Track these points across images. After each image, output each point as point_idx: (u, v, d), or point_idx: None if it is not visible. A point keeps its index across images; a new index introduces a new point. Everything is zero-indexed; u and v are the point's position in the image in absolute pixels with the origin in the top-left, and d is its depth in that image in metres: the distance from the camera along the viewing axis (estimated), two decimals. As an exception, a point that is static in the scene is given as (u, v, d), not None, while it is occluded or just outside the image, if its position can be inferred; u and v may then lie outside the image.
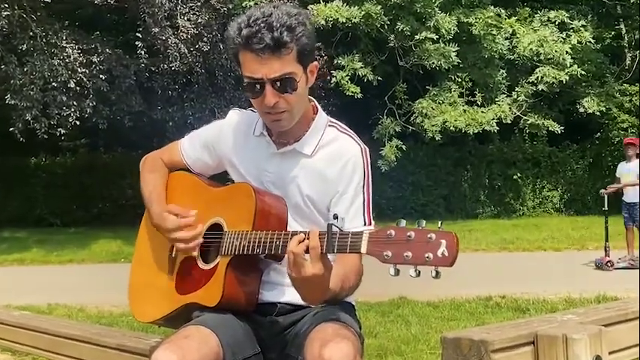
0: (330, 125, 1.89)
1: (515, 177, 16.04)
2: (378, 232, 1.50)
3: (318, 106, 1.90)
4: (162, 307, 1.91)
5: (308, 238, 1.58)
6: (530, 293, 6.42)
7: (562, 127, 13.95)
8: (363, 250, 1.50)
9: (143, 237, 2.05)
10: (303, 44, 1.71)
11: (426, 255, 1.43)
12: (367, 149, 1.87)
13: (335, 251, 1.55)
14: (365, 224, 1.80)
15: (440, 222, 1.48)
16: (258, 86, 1.71)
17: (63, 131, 12.08)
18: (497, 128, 13.79)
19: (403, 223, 1.50)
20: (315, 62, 1.80)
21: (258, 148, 1.89)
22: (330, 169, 1.82)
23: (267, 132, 1.87)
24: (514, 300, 6.24)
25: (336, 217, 1.70)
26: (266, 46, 1.66)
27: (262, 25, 1.66)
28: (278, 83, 1.70)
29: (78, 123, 11.59)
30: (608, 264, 7.96)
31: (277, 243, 1.68)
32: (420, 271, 1.46)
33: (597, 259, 8.13)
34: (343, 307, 1.87)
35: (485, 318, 5.56)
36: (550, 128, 14.02)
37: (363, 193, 1.83)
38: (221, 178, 2.03)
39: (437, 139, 13.37)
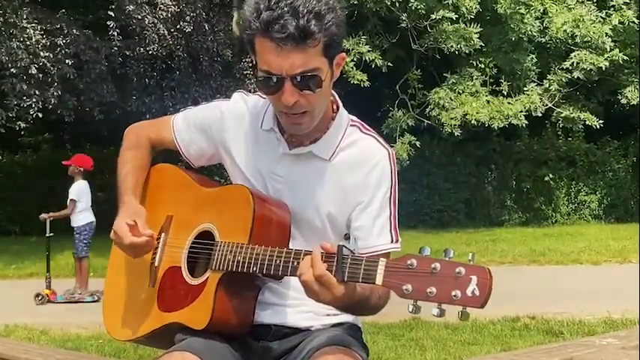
0: (351, 125, 1.86)
1: (546, 178, 16.04)
2: (397, 261, 1.47)
3: (339, 103, 1.87)
4: (141, 324, 1.90)
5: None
6: (564, 313, 6.42)
7: (601, 121, 13.95)
8: (379, 281, 1.47)
9: None
10: (332, 34, 1.66)
11: (454, 293, 1.40)
12: (394, 153, 1.85)
13: (345, 279, 1.52)
14: (392, 241, 1.79)
15: (471, 254, 1.45)
16: (275, 81, 1.67)
17: (23, 125, 12.08)
18: (526, 122, 13.79)
19: (427, 251, 1.46)
20: (343, 53, 1.76)
21: (265, 146, 1.86)
22: (352, 176, 1.80)
23: (277, 127, 1.84)
24: (545, 321, 6.24)
25: (347, 237, 1.68)
26: (289, 35, 1.61)
27: (286, 9, 1.61)
28: (299, 80, 1.66)
29: (40, 115, 11.59)
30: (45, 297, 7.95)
31: (277, 262, 1.65)
32: (444, 310, 1.43)
33: (38, 293, 8.02)
34: (347, 329, 1.87)
35: (512, 342, 5.56)
36: (587, 122, 14.02)
37: (390, 206, 1.81)
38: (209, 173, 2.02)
39: (456, 134, 13.37)
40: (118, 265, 2.02)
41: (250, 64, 12.40)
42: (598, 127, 13.98)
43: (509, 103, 13.63)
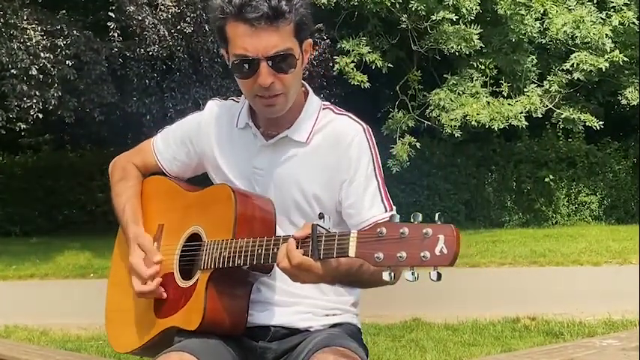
0: (324, 108, 1.90)
1: (547, 179, 16.03)
2: (368, 231, 1.49)
3: (309, 89, 1.92)
4: (140, 334, 1.92)
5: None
6: (564, 314, 6.41)
7: (601, 122, 13.94)
8: (352, 253, 1.49)
9: (118, 253, 2.04)
10: (302, 15, 1.73)
11: (423, 254, 1.41)
12: (369, 128, 1.88)
13: (321, 257, 1.54)
14: (386, 210, 1.80)
15: (437, 214, 1.46)
16: (247, 65, 1.71)
17: (23, 126, 12.08)
18: (527, 123, 13.77)
19: (397, 219, 1.49)
20: (310, 40, 1.81)
21: (243, 143, 1.89)
22: (331, 155, 1.83)
23: (252, 122, 1.87)
24: (546, 322, 6.24)
25: (321, 216, 1.70)
26: (262, 15, 1.66)
27: None
28: (274, 61, 1.70)
29: (41, 116, 11.59)
30: None
31: (259, 252, 1.67)
32: (418, 274, 1.44)
33: None
34: (347, 330, 1.87)
35: (512, 343, 5.55)
36: (587, 123, 14.01)
37: (376, 176, 1.83)
38: (201, 181, 2.03)
39: (456, 135, 13.35)
40: (118, 280, 2.03)
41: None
42: (598, 128, 13.97)
43: (509, 104, 13.62)
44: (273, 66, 1.71)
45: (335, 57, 12.98)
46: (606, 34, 13.26)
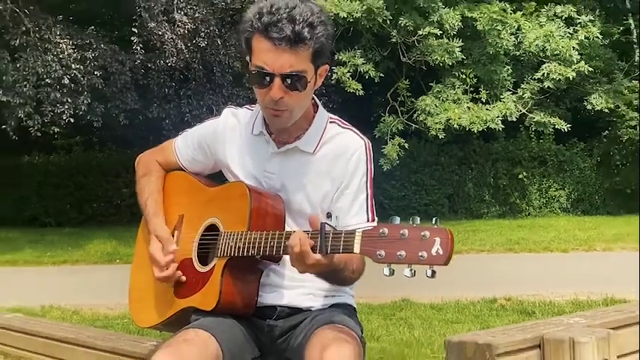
0: (331, 122, 1.89)
1: (520, 176, 16.03)
2: (371, 231, 1.50)
3: (319, 103, 1.90)
4: (160, 311, 1.92)
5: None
6: (536, 295, 6.42)
7: (569, 125, 13.93)
8: (356, 250, 1.50)
9: (141, 240, 2.05)
10: (321, 44, 1.70)
11: (420, 254, 1.42)
12: (370, 143, 1.87)
13: (328, 252, 1.55)
14: (368, 220, 1.80)
15: (434, 219, 1.47)
16: (266, 76, 1.70)
17: (57, 129, 12.08)
18: (503, 126, 13.77)
19: (397, 220, 1.50)
20: (326, 65, 1.79)
21: (256, 148, 1.88)
22: (335, 165, 1.82)
23: (266, 130, 1.87)
24: (520, 302, 6.24)
25: (329, 215, 1.70)
26: (285, 37, 1.65)
27: (285, 15, 1.66)
28: (288, 79, 1.69)
29: (72, 120, 11.60)
30: None
31: (272, 244, 1.68)
32: (415, 271, 1.45)
33: None
34: (344, 309, 1.88)
35: (490, 321, 5.56)
36: (557, 126, 14.00)
37: (366, 189, 1.83)
38: (218, 177, 2.04)
39: (440, 137, 13.36)
40: (141, 262, 2.04)
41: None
42: (566, 130, 13.96)
43: (487, 109, 13.61)
44: (286, 83, 1.69)
45: (333, 67, 12.97)
46: (573, 47, 13.26)
